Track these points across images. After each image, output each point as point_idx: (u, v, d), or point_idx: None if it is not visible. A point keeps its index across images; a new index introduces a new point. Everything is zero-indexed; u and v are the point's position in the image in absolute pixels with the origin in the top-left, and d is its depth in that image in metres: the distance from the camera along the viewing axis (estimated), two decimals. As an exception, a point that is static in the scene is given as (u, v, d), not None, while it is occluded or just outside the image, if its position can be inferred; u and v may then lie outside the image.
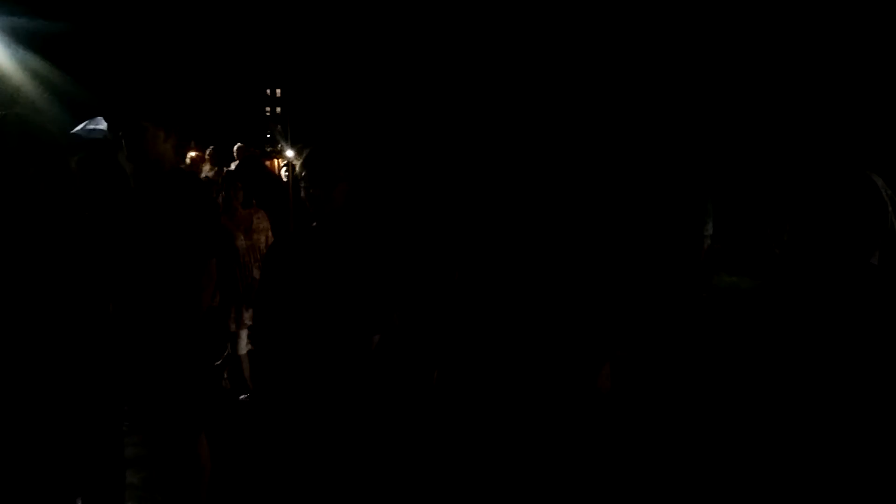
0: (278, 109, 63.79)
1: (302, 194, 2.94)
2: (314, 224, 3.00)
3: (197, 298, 3.34)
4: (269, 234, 6.17)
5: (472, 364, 2.77)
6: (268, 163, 17.17)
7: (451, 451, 2.83)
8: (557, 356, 2.68)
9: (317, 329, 2.85)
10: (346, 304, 2.85)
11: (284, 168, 16.15)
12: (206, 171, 10.61)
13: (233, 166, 9.98)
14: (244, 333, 5.73)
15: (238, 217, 6.06)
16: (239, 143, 10.73)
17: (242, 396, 5.85)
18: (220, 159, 11.05)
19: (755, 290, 2.24)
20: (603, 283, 2.80)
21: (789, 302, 2.02)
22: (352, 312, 2.86)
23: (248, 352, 5.80)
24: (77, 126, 10.98)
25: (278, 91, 65.11)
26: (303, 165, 2.95)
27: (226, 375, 6.04)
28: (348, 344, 2.87)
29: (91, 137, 9.59)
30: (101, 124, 7.81)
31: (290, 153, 19.80)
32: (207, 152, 11.02)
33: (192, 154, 9.59)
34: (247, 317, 5.66)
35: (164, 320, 3.31)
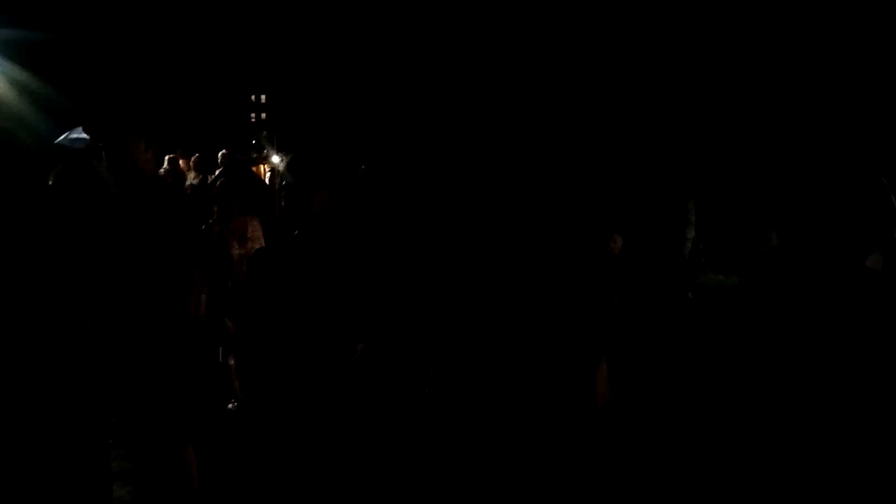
0: (263, 115, 63.60)
1: (282, 202, 2.93)
2: (296, 232, 2.99)
3: (181, 308, 3.32)
4: (263, 242, 6.14)
5: (464, 369, 2.74)
6: (253, 169, 17.14)
7: (444, 459, 2.80)
8: (547, 358, 2.65)
9: (299, 338, 2.84)
10: (328, 312, 2.84)
11: (269, 174, 16.11)
12: (192, 178, 10.57)
13: (217, 173, 9.94)
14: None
15: (233, 225, 6.03)
16: (223, 150, 10.69)
17: (230, 406, 5.81)
18: (205, 166, 11.01)
19: (744, 290, 2.23)
20: (588, 284, 2.78)
21: (780, 303, 2.01)
22: (334, 321, 2.84)
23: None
24: (61, 136, 10.91)
25: (263, 97, 64.94)
26: (284, 173, 2.94)
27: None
28: (331, 352, 2.85)
29: (74, 147, 9.53)
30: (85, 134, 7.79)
31: (275, 159, 19.77)
32: (192, 159, 10.98)
33: (169, 156, 9.53)
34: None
35: (148, 331, 3.28)
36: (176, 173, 9.58)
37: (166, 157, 9.31)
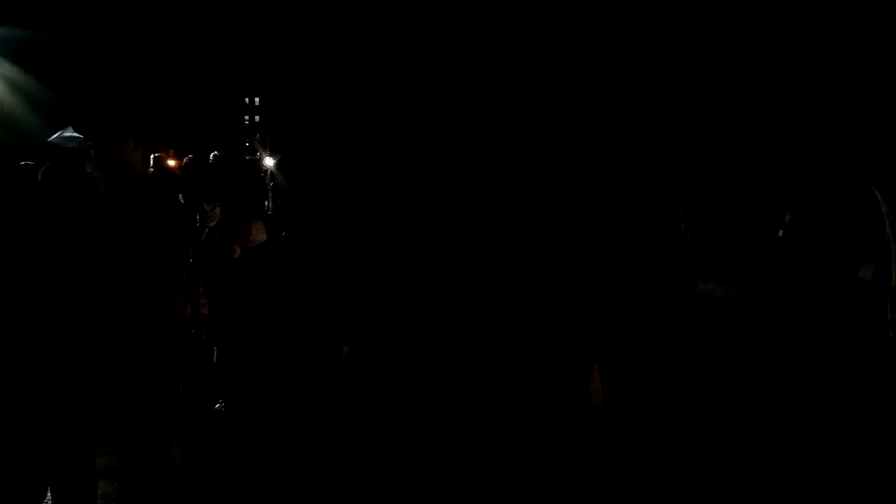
0: (257, 118, 63.39)
1: (270, 204, 2.96)
2: (283, 234, 3.00)
3: (167, 308, 3.33)
4: None
5: (455, 370, 2.76)
6: (247, 171, 17.10)
7: (432, 461, 2.81)
8: (542, 364, 2.66)
9: (284, 339, 2.85)
10: (313, 314, 2.85)
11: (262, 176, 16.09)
12: (183, 180, 10.55)
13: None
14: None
15: (235, 229, 6.00)
16: (215, 152, 10.68)
17: (217, 405, 5.81)
18: (198, 168, 10.98)
19: (736, 300, 2.25)
20: (583, 290, 2.80)
21: (773, 313, 2.02)
22: (320, 323, 2.85)
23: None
24: (53, 134, 10.85)
25: (257, 100, 64.74)
26: (272, 176, 2.95)
27: None
28: (317, 354, 2.86)
29: (67, 146, 9.48)
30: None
31: (268, 161, 19.71)
32: (185, 161, 10.96)
33: (155, 155, 9.50)
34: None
35: (134, 330, 3.29)
36: (163, 173, 9.54)
37: (151, 157, 9.28)
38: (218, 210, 6.83)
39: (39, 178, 3.34)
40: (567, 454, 2.63)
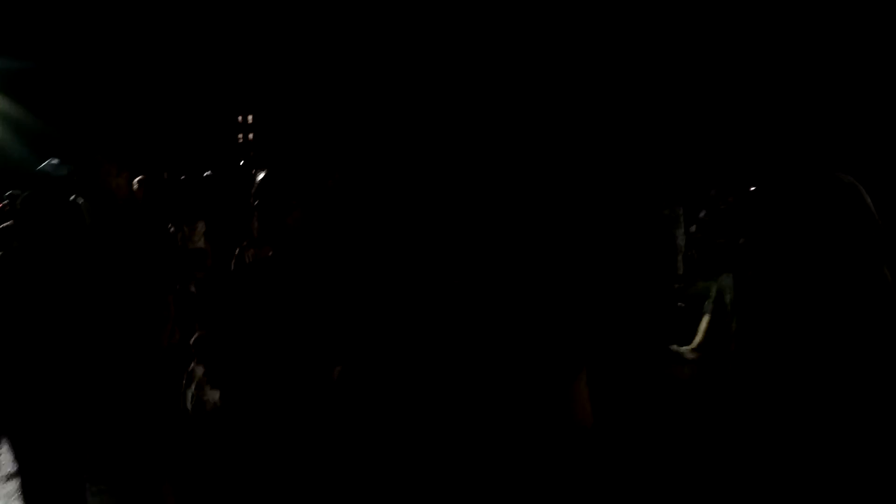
0: (250, 136, 63.54)
1: (255, 223, 2.87)
2: (270, 253, 2.94)
3: (155, 336, 3.25)
4: None
5: (443, 385, 2.67)
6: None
7: (423, 479, 2.71)
8: (526, 368, 2.57)
9: (274, 360, 2.78)
10: (303, 334, 2.78)
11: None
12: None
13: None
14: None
15: (265, 250, 5.95)
16: (208, 172, 10.65)
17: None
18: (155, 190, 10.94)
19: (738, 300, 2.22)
20: (576, 292, 2.72)
21: (769, 310, 1.99)
22: (310, 344, 2.78)
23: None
24: (43, 163, 10.83)
25: (250, 118, 64.93)
26: (254, 194, 2.85)
27: None
28: (308, 375, 2.79)
29: (57, 174, 9.44)
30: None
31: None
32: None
33: (139, 179, 9.50)
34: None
35: (122, 359, 3.21)
36: (152, 197, 9.51)
37: (135, 180, 9.25)
38: (198, 230, 6.84)
39: (18, 206, 3.28)
40: (550, 474, 2.53)
